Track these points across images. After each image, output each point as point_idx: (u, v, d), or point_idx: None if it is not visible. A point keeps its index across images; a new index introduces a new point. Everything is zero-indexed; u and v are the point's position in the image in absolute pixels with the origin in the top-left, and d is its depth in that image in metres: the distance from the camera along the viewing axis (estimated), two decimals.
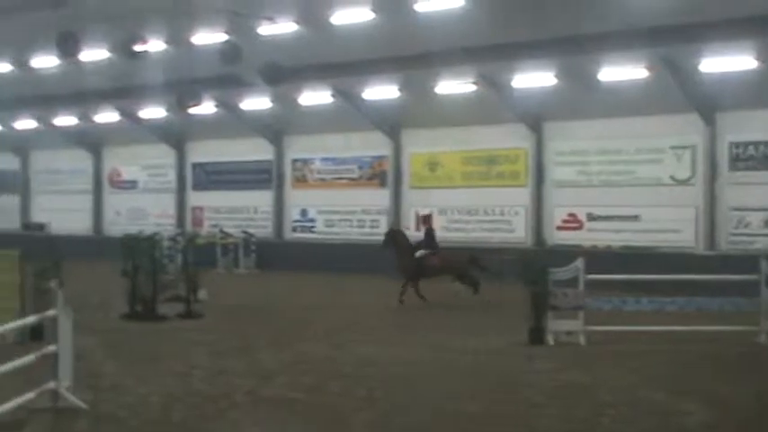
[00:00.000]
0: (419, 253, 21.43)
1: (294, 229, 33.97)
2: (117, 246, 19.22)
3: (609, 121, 26.89)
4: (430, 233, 22.55)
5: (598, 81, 25.47)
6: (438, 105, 28.84)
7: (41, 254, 15.51)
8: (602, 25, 22.98)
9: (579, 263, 14.64)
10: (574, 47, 24.28)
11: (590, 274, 14.62)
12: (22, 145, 42.14)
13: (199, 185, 36.94)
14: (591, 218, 27.56)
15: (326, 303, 21.43)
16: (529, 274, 14.69)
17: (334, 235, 32.65)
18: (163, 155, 37.47)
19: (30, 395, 9.13)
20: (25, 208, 42.69)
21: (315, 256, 31.08)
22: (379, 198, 31.81)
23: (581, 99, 26.54)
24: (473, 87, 27.65)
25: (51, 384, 9.50)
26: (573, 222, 27.92)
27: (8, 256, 14.61)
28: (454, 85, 27.88)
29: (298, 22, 25.90)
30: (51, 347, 9.57)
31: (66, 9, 26.46)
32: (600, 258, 19.05)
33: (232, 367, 12.46)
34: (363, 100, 30.09)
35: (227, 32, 26.27)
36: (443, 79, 27.80)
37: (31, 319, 10.66)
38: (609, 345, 14.16)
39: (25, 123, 39.23)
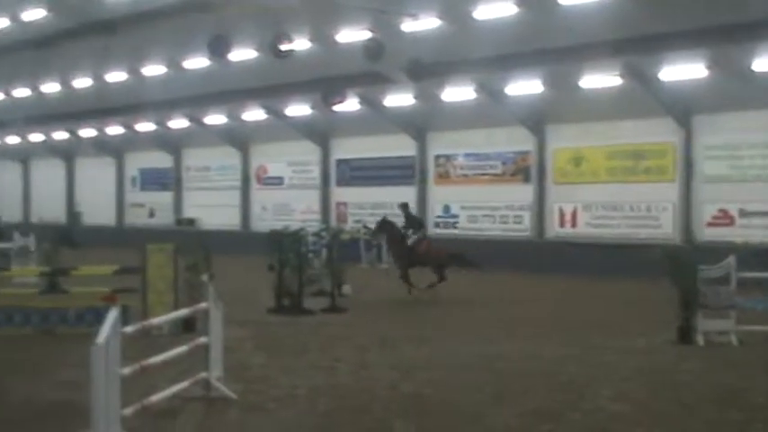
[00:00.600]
0: (411, 240, 21.41)
1: (437, 225, 34.07)
2: (264, 241, 19.76)
3: (763, 112, 25.83)
4: (409, 216, 22.63)
5: (752, 71, 24.50)
6: (583, 99, 28.37)
7: (192, 248, 16.05)
8: (753, 13, 22.09)
9: (731, 260, 14.15)
10: (725, 36, 23.45)
11: (742, 271, 14.12)
12: (175, 143, 43.80)
13: (343, 181, 37.52)
14: (743, 214, 26.55)
15: (469, 298, 21.42)
16: (677, 271, 14.29)
17: (477, 231, 32.58)
18: (308, 151, 38.24)
19: (183, 384, 9.49)
20: (178, 204, 44.33)
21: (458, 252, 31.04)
22: (522, 194, 31.55)
23: (733, 90, 25.58)
24: (619, 80, 27.07)
25: (203, 375, 9.86)
26: (723, 219, 26.96)
27: (165, 250, 15.22)
28: (599, 79, 27.36)
29: (441, 18, 25.96)
30: (203, 339, 9.93)
31: (216, 12, 27.36)
32: (753, 256, 18.35)
33: (375, 361, 12.63)
34: (506, 95, 29.89)
35: (370, 30, 26.58)
36: (588, 73, 27.33)
37: (184, 312, 11.11)
38: (763, 346, 13.63)
39: (178, 122, 40.78)
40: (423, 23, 26.13)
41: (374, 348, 13.82)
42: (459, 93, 30.75)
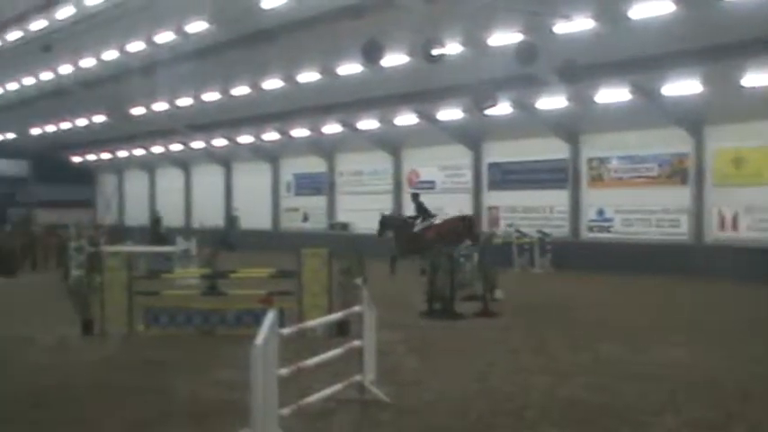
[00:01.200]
0: (418, 227, 20.52)
1: (590, 229, 33.40)
2: None
3: None
4: (420, 205, 22.45)
5: None
6: (745, 99, 27.19)
7: (346, 252, 16.27)
8: None
9: None
10: None
11: None
12: (328, 148, 44.60)
13: (494, 185, 37.29)
14: None
15: (624, 304, 20.88)
16: None
17: (632, 235, 31.75)
18: (459, 155, 38.20)
19: (337, 387, 9.61)
20: (331, 208, 45.10)
21: (612, 257, 30.41)
22: (679, 197, 30.52)
23: None
24: None
25: (357, 377, 9.97)
26: None
27: (320, 255, 15.49)
28: (762, 77, 26.16)
29: (595, 19, 25.42)
30: (357, 342, 10.04)
31: (369, 18, 27.71)
32: None
33: (528, 366, 12.47)
34: (662, 95, 28.99)
35: (522, 32, 26.31)
36: (751, 71, 26.18)
37: (338, 315, 11.26)
38: None
39: (331, 128, 41.51)
40: (576, 24, 25.65)
41: (527, 352, 13.65)
42: (613, 94, 30.05)
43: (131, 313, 15.67)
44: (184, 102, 41.67)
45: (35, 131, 55.73)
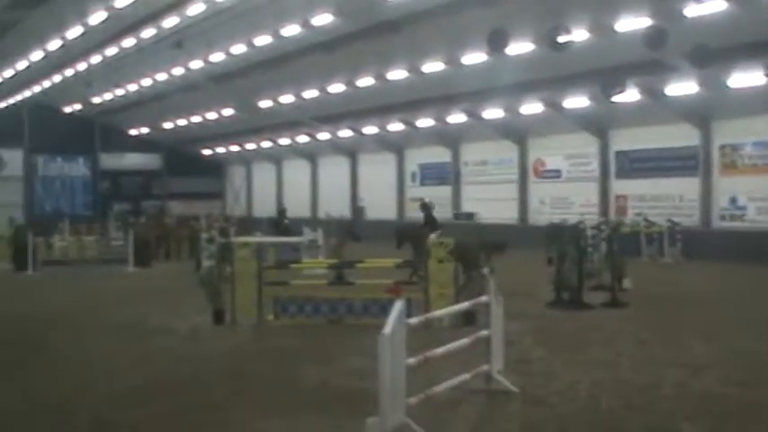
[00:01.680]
0: (434, 235, 20.72)
1: (722, 218, 32.35)
2: (542, 234, 19.63)
3: None
4: (429, 215, 23.30)
5: None
6: None
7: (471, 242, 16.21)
8: None
9: None
10: None
11: None
12: (453, 138, 44.53)
13: (622, 173, 36.51)
14: None
15: (758, 295, 20.14)
16: None
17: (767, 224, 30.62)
18: (586, 144, 37.56)
19: (465, 376, 9.59)
20: (456, 198, 45.04)
21: (745, 246, 29.36)
22: None
23: None
24: None
25: (484, 367, 9.94)
26: None
27: (445, 245, 15.49)
28: None
29: (727, 0, 24.55)
30: (484, 332, 10.01)
31: (494, 7, 27.50)
32: None
33: (659, 357, 12.19)
34: None
35: (651, 16, 25.63)
36: None
37: (465, 305, 11.25)
38: None
39: (456, 117, 41.42)
40: (707, 7, 24.82)
41: (657, 344, 13.34)
42: (746, 78, 28.94)
43: (261, 303, 16.03)
44: (310, 94, 42.29)
45: (167, 125, 57.61)
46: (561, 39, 24.43)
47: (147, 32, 36.44)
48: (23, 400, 10.14)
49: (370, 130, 47.32)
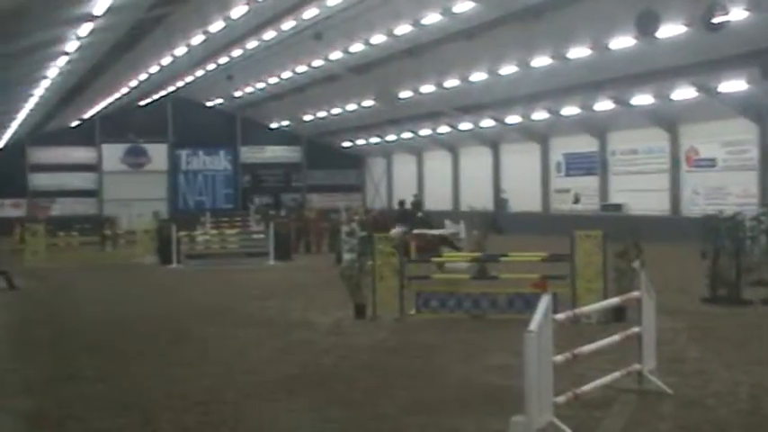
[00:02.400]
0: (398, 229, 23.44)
1: None
2: (695, 226, 19.03)
3: None
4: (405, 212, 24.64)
5: None
6: None
7: (621, 235, 15.87)
8: None
9: None
10: None
11: None
12: (600, 126, 43.67)
13: None
14: None
15: None
16: None
17: None
18: (743, 130, 36.13)
19: (615, 375, 9.38)
20: (603, 189, 44.17)
21: None
22: None
23: None
24: None
25: (636, 366, 9.69)
26: None
27: (593, 237, 15.23)
28: None
29: None
30: (635, 329, 9.76)
31: None
32: None
33: None
34: None
35: None
36: None
37: (614, 300, 11.00)
38: None
39: (603, 105, 40.60)
40: None
41: None
42: None
43: (402, 297, 16.13)
44: (452, 83, 42.29)
45: (307, 118, 58.72)
46: (717, 19, 23.60)
47: (287, 24, 37.20)
48: (167, 392, 10.52)
49: (513, 119, 46.94)
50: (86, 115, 57.94)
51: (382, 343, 13.81)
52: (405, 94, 46.02)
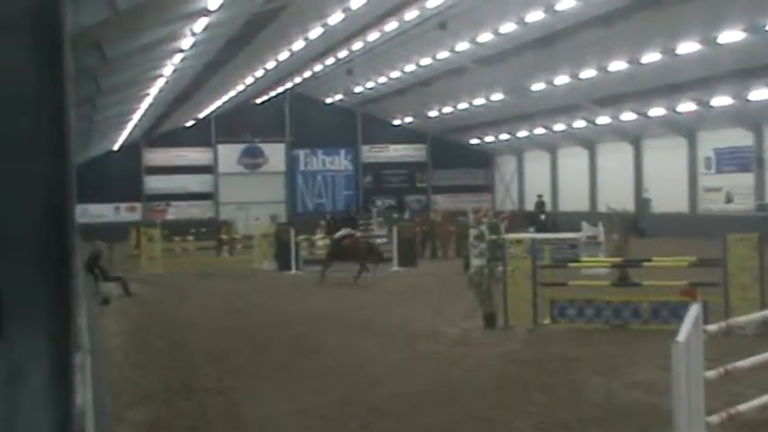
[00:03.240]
0: (338, 234, 27.77)
1: None
2: None
3: None
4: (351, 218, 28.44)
5: None
6: None
7: None
8: None
9: None
10: None
11: None
12: (756, 118, 42.35)
13: None
14: None
15: None
16: None
17: None
18: None
19: None
20: (760, 187, 42.83)
21: None
22: None
23: None
24: None
25: None
26: None
27: (748, 240, 14.81)
28: None
29: None
30: None
31: None
32: None
33: None
34: None
35: None
36: None
37: None
38: None
39: (760, 94, 39.34)
40: None
41: None
42: None
43: (536, 305, 16.01)
44: (588, 73, 41.71)
45: (432, 114, 58.88)
46: None
47: (410, 14, 37.39)
48: (293, 405, 10.71)
49: (656, 111, 45.97)
50: (201, 114, 59.47)
51: (514, 355, 13.74)
52: (537, 86, 45.66)
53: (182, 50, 30.23)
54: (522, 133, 58.09)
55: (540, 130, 56.22)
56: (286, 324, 18.17)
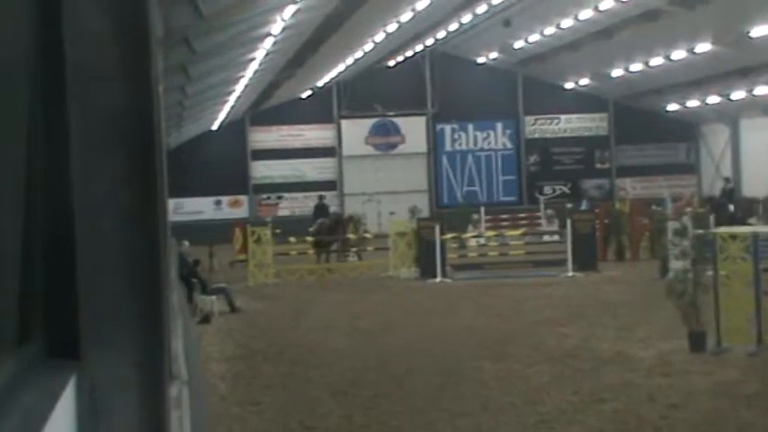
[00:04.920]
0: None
1: None
2: None
3: None
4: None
5: None
6: None
7: None
8: None
9: None
10: None
11: None
12: None
13: None
14: None
15: None
16: None
17: None
18: None
19: None
20: None
21: None
22: None
23: None
24: None
25: None
26: None
27: None
28: None
29: None
30: None
31: None
32: None
33: None
34: None
35: None
36: None
37: None
38: None
39: None
40: None
41: None
42: None
43: (760, 321, 15.67)
44: None
45: (615, 73, 57.93)
46: None
47: None
48: None
49: None
50: (320, 83, 59.94)
51: (732, 387, 13.47)
52: (758, 31, 44.48)
53: (295, 1, 30.63)
54: (738, 94, 56.74)
55: (762, 90, 54.82)
56: (429, 346, 18.22)
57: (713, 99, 58.92)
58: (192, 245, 28.93)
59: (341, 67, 55.87)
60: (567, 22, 49.83)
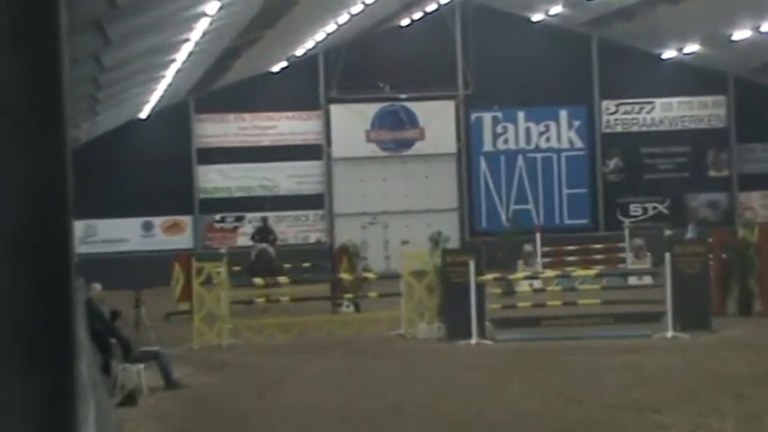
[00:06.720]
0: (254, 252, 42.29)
1: None
2: None
3: None
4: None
5: None
6: None
7: None
8: None
9: None
10: None
11: None
12: None
13: None
14: None
15: None
16: None
17: None
18: None
19: None
20: None
21: None
22: None
23: None
24: None
25: None
26: None
27: None
28: None
29: None
30: None
31: None
32: None
33: None
34: None
35: None
36: None
37: None
38: None
39: None
40: None
41: None
42: None
43: None
44: None
45: (737, 35, 57.72)
46: None
47: None
48: None
49: None
50: (299, 50, 59.45)
51: None
52: None
53: None
54: None
55: None
56: None
57: None
58: (109, 288, 28.87)
59: (330, 27, 55.36)
60: None
